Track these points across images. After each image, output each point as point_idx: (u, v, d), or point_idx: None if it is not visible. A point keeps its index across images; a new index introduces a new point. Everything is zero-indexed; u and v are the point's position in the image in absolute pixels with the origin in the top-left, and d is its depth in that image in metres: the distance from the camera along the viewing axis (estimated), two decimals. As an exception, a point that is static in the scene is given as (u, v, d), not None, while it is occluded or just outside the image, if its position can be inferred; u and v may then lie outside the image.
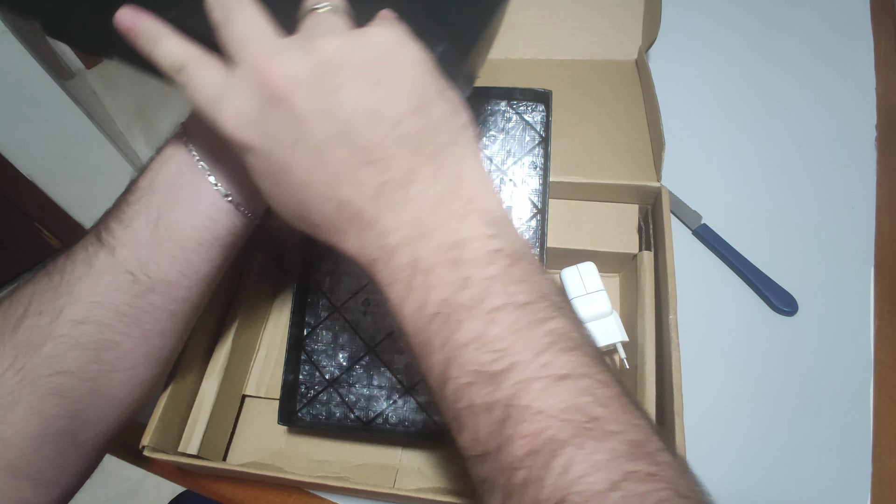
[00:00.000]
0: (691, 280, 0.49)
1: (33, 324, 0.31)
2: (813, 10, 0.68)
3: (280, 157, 0.24)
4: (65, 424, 0.32)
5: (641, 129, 0.53)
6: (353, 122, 0.23)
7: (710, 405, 0.44)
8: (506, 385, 0.20)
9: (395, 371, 0.43)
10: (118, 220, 0.32)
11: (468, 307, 0.21)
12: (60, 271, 0.32)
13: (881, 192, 0.53)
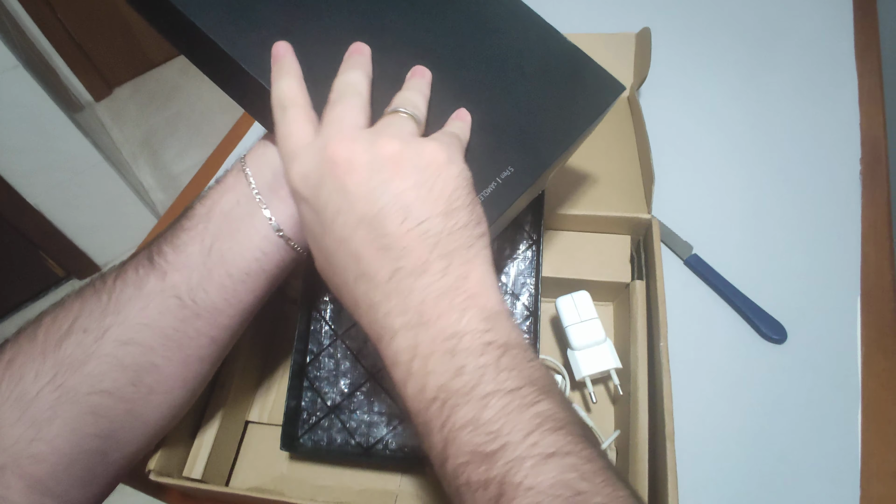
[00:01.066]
0: (683, 308, 0.51)
1: (78, 341, 0.32)
2: (799, 47, 0.72)
3: (324, 219, 0.27)
4: (98, 444, 0.33)
5: (633, 163, 0.56)
6: (388, 211, 0.26)
7: (702, 430, 0.45)
8: (499, 464, 0.22)
9: (396, 397, 0.44)
10: (172, 245, 0.33)
11: (463, 393, 0.24)
12: (109, 291, 0.33)
13: (866, 223, 0.55)
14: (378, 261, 0.26)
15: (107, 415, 0.32)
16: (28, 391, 0.31)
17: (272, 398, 0.50)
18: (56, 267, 1.68)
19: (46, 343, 0.32)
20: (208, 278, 0.33)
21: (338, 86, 0.30)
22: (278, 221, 0.33)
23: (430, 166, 0.27)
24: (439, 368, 0.24)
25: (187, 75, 2.41)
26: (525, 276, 0.45)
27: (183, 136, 2.15)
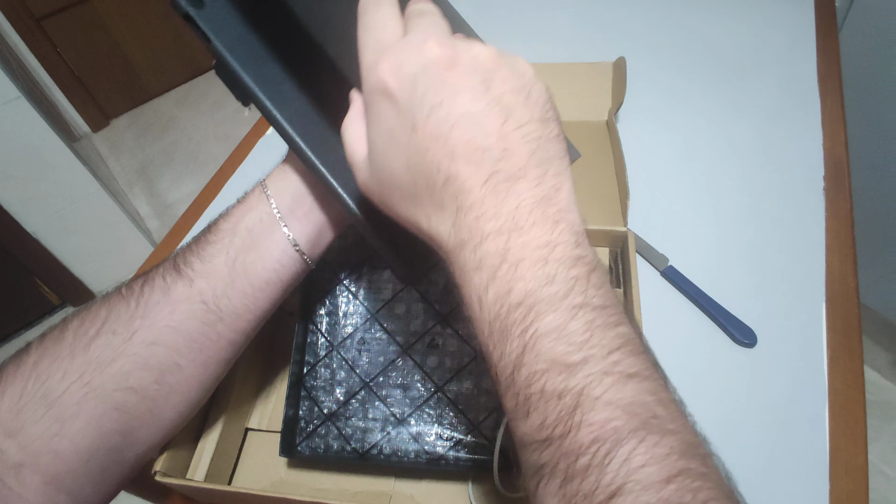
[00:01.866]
0: (660, 316, 0.54)
1: (106, 343, 0.34)
2: (766, 72, 0.76)
3: (417, 115, 0.25)
4: (117, 442, 0.35)
5: (610, 180, 0.59)
6: (490, 110, 0.25)
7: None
8: (579, 376, 0.22)
9: (389, 404, 0.47)
10: (199, 256, 0.37)
11: (551, 301, 0.23)
12: (137, 297, 0.36)
13: (829, 234, 0.59)
14: (475, 162, 0.25)
15: (130, 411, 0.35)
16: (54, 389, 0.33)
17: (271, 406, 0.52)
18: (51, 294, 1.69)
19: (75, 345, 0.34)
20: (231, 287, 0.37)
21: (415, 6, 0.28)
22: (295, 237, 0.38)
23: (524, 76, 0.27)
24: (529, 274, 0.24)
25: (183, 107, 2.46)
26: None
27: (178, 166, 2.19)
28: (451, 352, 0.47)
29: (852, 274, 0.56)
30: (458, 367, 0.46)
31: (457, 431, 0.45)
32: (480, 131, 0.25)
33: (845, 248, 0.58)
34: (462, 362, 0.47)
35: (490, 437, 0.44)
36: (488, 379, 0.46)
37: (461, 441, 0.45)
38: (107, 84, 2.32)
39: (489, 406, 0.45)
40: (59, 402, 0.33)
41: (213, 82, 2.55)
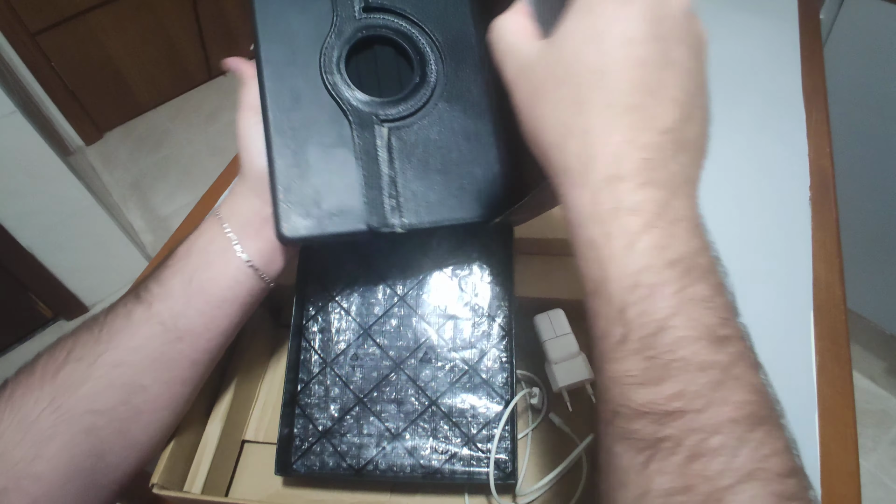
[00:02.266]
0: (652, 325, 0.55)
1: (73, 369, 0.36)
2: (752, 89, 0.78)
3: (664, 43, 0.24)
4: (91, 464, 0.35)
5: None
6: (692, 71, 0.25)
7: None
8: (726, 351, 0.22)
9: (384, 419, 0.47)
10: (156, 281, 0.39)
11: (705, 269, 0.23)
12: (101, 325, 0.37)
13: (816, 244, 0.60)
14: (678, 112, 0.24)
15: (99, 433, 0.36)
16: (29, 415, 0.34)
17: (267, 419, 0.52)
18: (45, 308, 1.68)
19: (44, 374, 0.35)
20: (189, 305, 0.38)
21: None
22: (249, 255, 0.39)
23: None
24: (685, 236, 0.23)
25: (177, 120, 2.47)
26: (499, 300, 0.49)
27: (172, 180, 2.19)
28: (444, 365, 0.47)
29: (839, 283, 0.57)
30: (451, 381, 0.47)
31: (452, 445, 0.45)
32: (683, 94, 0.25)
33: (831, 258, 0.59)
34: (456, 376, 0.47)
35: (485, 449, 0.45)
36: (481, 391, 0.46)
37: (456, 454, 0.45)
38: (100, 97, 2.32)
39: (483, 419, 0.46)
40: (34, 428, 0.33)
41: (206, 96, 2.56)
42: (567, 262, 0.55)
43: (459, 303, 0.49)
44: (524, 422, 0.50)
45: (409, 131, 0.42)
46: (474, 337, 0.48)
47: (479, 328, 0.48)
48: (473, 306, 0.49)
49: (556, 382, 0.47)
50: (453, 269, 0.50)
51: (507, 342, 0.47)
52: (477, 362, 0.47)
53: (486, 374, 0.47)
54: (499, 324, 0.48)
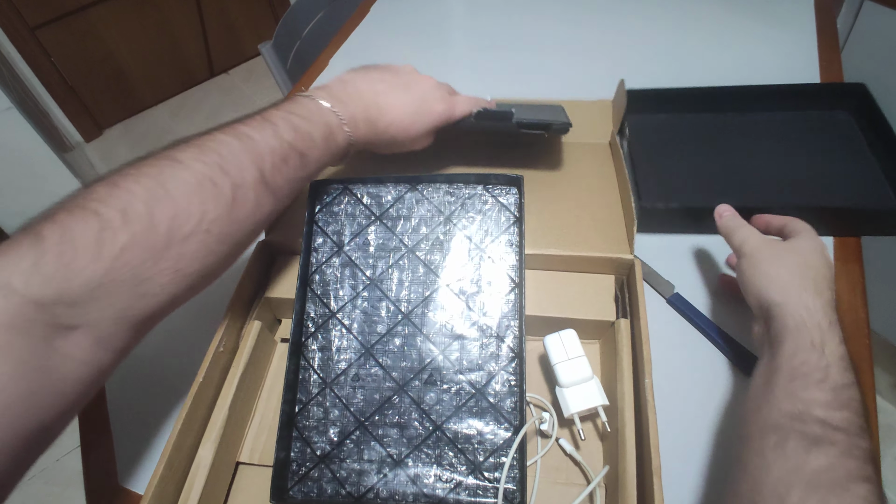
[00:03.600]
0: (666, 345, 0.52)
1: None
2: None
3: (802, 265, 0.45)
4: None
5: (616, 205, 0.58)
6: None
7: (686, 464, 0.46)
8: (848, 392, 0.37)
9: (386, 444, 0.44)
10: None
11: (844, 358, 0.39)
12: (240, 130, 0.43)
13: (838, 263, 0.58)
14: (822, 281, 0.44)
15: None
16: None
17: (263, 439, 0.50)
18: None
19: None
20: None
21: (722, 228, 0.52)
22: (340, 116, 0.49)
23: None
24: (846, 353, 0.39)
25: (177, 117, 2.45)
26: (509, 319, 0.46)
27: (172, 177, 2.16)
28: (449, 388, 0.45)
29: (862, 304, 0.55)
30: (457, 405, 0.45)
31: (457, 473, 0.43)
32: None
33: (854, 277, 0.57)
34: (462, 399, 0.45)
35: (492, 478, 0.42)
36: (488, 416, 0.44)
37: (462, 483, 0.43)
38: (100, 94, 2.30)
39: (491, 445, 0.43)
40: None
41: (208, 93, 2.54)
42: (580, 279, 0.52)
43: (466, 322, 0.47)
44: (532, 447, 0.48)
45: None
46: (482, 358, 0.46)
47: (487, 349, 0.46)
48: (481, 326, 0.46)
49: (567, 408, 0.45)
50: (460, 287, 0.48)
51: (517, 365, 0.45)
52: (484, 385, 0.45)
53: (493, 399, 0.44)
54: (508, 345, 0.46)
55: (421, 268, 0.48)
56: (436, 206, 0.50)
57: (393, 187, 0.51)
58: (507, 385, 0.45)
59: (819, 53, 0.83)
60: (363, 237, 0.50)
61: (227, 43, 2.54)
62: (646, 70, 0.78)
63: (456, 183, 0.51)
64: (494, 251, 0.48)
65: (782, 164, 0.65)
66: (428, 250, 0.49)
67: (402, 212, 0.50)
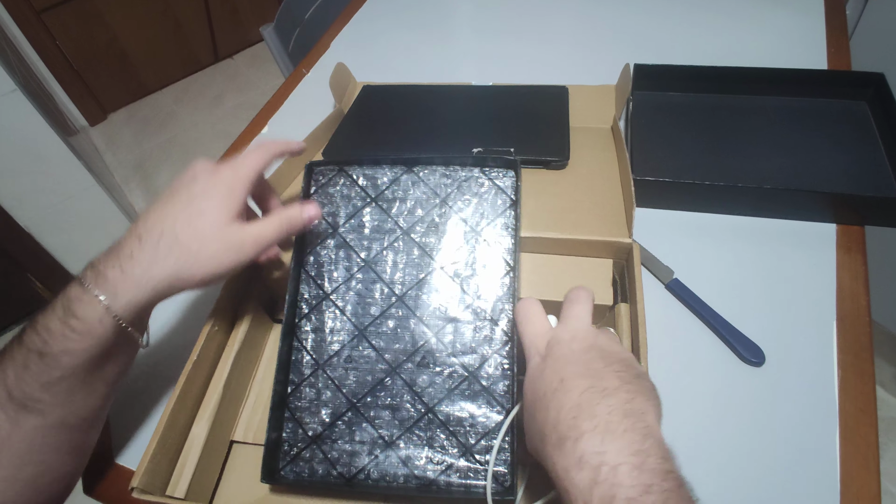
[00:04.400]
0: (664, 331, 0.52)
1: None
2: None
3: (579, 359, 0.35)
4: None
5: (615, 189, 0.57)
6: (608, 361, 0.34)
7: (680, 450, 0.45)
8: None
9: (377, 426, 0.44)
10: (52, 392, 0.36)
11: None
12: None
13: (841, 250, 0.57)
14: (577, 381, 0.32)
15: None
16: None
17: (258, 418, 0.50)
18: (43, 290, 1.67)
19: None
20: (91, 396, 0.39)
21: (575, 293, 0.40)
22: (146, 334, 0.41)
23: (623, 352, 0.36)
24: (628, 481, 0.26)
25: (182, 102, 2.44)
26: (503, 302, 0.46)
27: (176, 162, 2.17)
28: (442, 371, 0.45)
29: (864, 292, 0.54)
30: (450, 387, 0.44)
31: (448, 455, 0.43)
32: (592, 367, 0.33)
33: (856, 265, 0.56)
34: (454, 382, 0.44)
35: (483, 461, 0.42)
36: (481, 399, 0.44)
37: (452, 465, 0.42)
38: (105, 78, 2.29)
39: (483, 428, 0.43)
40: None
41: (212, 78, 2.53)
42: (577, 263, 0.52)
43: (461, 305, 0.46)
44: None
45: None
46: (475, 342, 0.45)
47: (480, 332, 0.45)
48: (475, 309, 0.46)
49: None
50: (455, 269, 0.47)
51: (510, 348, 0.45)
52: (477, 368, 0.44)
53: (486, 381, 0.44)
54: (502, 328, 0.45)
55: (416, 250, 0.48)
56: (432, 188, 0.50)
57: (389, 169, 0.51)
58: (500, 368, 0.44)
59: (827, 40, 0.81)
60: (358, 219, 0.50)
61: (231, 28, 2.53)
62: (651, 54, 0.77)
63: (452, 165, 0.50)
64: (490, 234, 0.48)
65: (790, 149, 0.64)
66: (423, 233, 0.49)
67: (398, 194, 0.50)
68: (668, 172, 0.61)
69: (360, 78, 0.83)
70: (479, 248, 0.47)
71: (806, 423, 0.47)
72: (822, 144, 0.64)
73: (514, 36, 0.93)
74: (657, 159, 0.65)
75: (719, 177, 0.60)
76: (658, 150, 0.66)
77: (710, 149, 0.66)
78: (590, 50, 0.87)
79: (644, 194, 0.60)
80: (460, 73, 0.88)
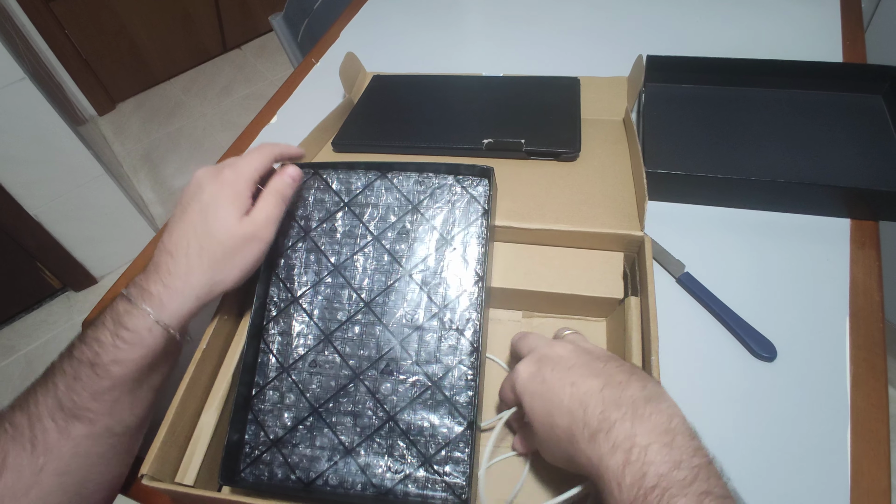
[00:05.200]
0: (675, 325, 0.51)
1: (15, 478, 0.35)
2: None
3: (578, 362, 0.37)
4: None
5: (627, 182, 0.57)
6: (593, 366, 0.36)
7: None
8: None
9: (338, 432, 0.44)
10: (100, 401, 0.38)
11: (682, 486, 0.26)
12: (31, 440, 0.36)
13: (854, 245, 0.56)
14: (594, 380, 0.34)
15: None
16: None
17: (266, 407, 0.50)
18: (52, 278, 1.68)
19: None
20: (138, 405, 0.40)
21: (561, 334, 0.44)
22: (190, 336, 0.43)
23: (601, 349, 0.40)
24: (658, 458, 0.28)
25: (190, 93, 2.44)
26: (470, 312, 0.45)
27: (184, 152, 2.17)
28: (406, 379, 0.44)
29: (877, 288, 0.53)
30: (412, 396, 0.44)
31: (407, 465, 0.42)
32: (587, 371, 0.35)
33: (870, 260, 0.55)
34: (417, 391, 0.44)
35: (442, 472, 0.41)
36: (443, 409, 0.43)
37: (411, 475, 0.42)
38: (114, 67, 2.30)
39: (443, 439, 0.42)
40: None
41: (221, 69, 2.53)
42: (588, 255, 0.51)
43: (427, 314, 0.46)
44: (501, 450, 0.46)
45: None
46: (440, 351, 0.45)
47: (446, 342, 0.45)
48: (442, 318, 0.45)
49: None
50: (423, 277, 0.47)
51: (475, 359, 0.44)
52: (441, 378, 0.44)
53: (449, 392, 0.43)
54: (467, 338, 0.45)
55: (386, 256, 0.48)
56: (404, 194, 0.49)
57: (363, 174, 0.51)
58: (463, 379, 0.44)
59: (843, 32, 0.80)
60: (330, 223, 0.50)
61: (240, 18, 2.53)
62: (664, 46, 0.76)
63: (426, 172, 0.50)
64: (460, 243, 0.47)
65: (804, 143, 0.64)
66: (394, 239, 0.48)
67: (371, 199, 0.50)
68: (680, 165, 0.60)
69: (369, 68, 0.83)
70: (449, 256, 0.47)
71: (817, 419, 0.46)
72: (837, 138, 0.64)
73: (526, 26, 0.92)
74: (669, 152, 0.64)
75: (732, 170, 0.59)
76: (670, 142, 0.66)
77: (722, 142, 0.65)
78: (602, 41, 0.87)
79: (656, 187, 0.60)
80: (471, 63, 0.87)
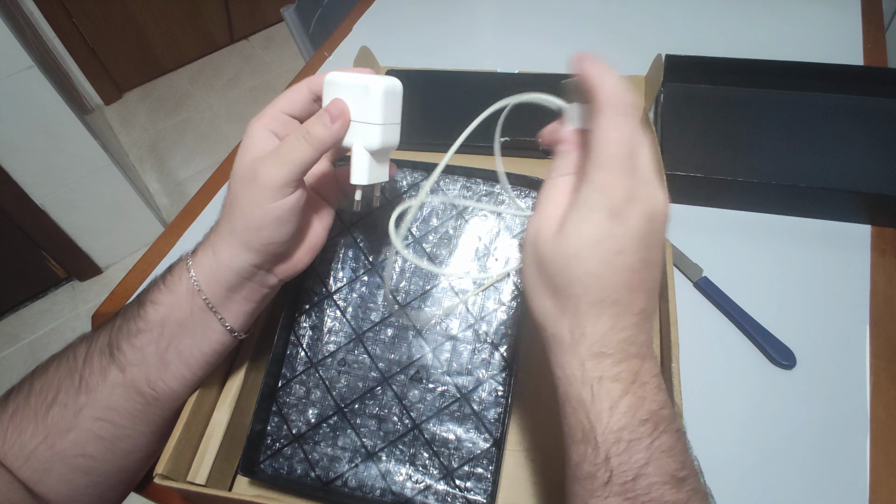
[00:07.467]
0: (692, 331, 0.51)
1: (61, 413, 0.37)
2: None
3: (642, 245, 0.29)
4: (88, 489, 0.39)
5: (645, 183, 0.56)
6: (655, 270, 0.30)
7: (709, 453, 0.45)
8: (684, 489, 0.27)
9: (362, 434, 0.43)
10: (129, 343, 0.38)
11: (667, 422, 0.28)
12: (81, 373, 0.38)
13: (875, 253, 0.55)
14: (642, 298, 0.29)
15: (93, 470, 0.39)
16: (27, 444, 0.37)
17: (278, 406, 0.49)
18: (57, 268, 1.68)
19: (37, 409, 0.37)
20: (166, 370, 0.39)
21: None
22: (231, 324, 0.40)
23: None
24: (652, 396, 0.28)
25: (197, 83, 2.44)
26: (507, 327, 0.44)
27: (190, 143, 2.16)
28: (435, 388, 0.44)
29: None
30: (440, 406, 0.43)
31: (429, 476, 0.41)
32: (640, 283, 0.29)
33: (891, 268, 0.55)
34: (445, 402, 0.43)
35: (463, 487, 0.41)
36: (470, 423, 0.43)
37: (431, 487, 0.41)
38: (121, 57, 2.29)
39: (468, 453, 0.42)
40: (32, 458, 0.36)
41: (228, 60, 2.52)
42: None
43: (463, 324, 0.45)
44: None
45: None
46: (472, 363, 0.44)
47: (479, 355, 0.44)
48: (477, 330, 0.45)
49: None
50: (462, 286, 0.46)
51: (507, 375, 0.43)
52: (471, 391, 0.43)
53: (478, 406, 0.43)
54: (501, 353, 0.44)
55: (425, 260, 0.47)
56: (450, 198, 0.49)
57: (409, 173, 0.49)
58: (493, 394, 0.43)
59: (864, 34, 0.79)
60: (371, 220, 0.49)
61: (247, 9, 2.51)
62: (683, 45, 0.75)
63: (474, 178, 0.49)
64: (503, 254, 0.46)
65: (824, 147, 0.63)
66: (435, 243, 0.47)
67: (415, 200, 0.49)
68: (698, 167, 0.60)
69: (382, 62, 0.82)
70: (490, 267, 0.46)
71: (836, 429, 0.46)
72: (857, 143, 0.63)
73: (541, 23, 0.91)
74: (688, 154, 0.63)
75: (751, 173, 0.58)
76: (689, 144, 0.65)
77: (742, 144, 0.64)
78: (620, 39, 0.86)
79: (674, 189, 0.59)
80: (485, 59, 0.86)
